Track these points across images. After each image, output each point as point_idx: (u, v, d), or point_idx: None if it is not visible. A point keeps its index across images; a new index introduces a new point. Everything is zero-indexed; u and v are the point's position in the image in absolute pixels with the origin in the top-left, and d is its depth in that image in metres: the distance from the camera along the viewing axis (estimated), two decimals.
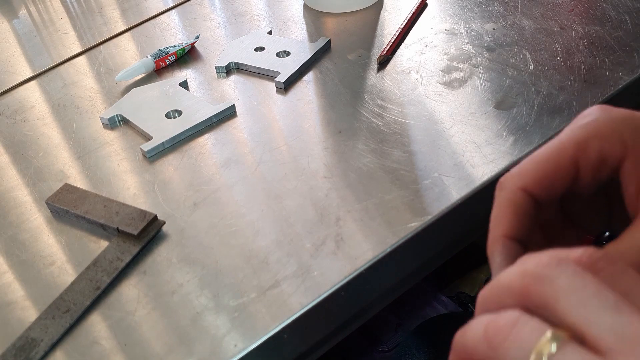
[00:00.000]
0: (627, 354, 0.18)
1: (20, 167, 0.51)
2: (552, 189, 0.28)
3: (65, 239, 0.43)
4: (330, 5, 0.68)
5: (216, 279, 0.38)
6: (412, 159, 0.45)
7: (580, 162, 0.27)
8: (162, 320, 0.36)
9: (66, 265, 0.41)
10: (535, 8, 0.61)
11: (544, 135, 0.45)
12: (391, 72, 0.56)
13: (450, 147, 0.45)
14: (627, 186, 0.27)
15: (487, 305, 0.22)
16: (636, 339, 0.18)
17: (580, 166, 0.27)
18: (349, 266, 0.37)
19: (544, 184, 0.27)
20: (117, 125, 0.55)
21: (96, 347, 0.35)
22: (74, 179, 0.49)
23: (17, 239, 0.44)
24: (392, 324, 1.04)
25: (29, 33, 0.76)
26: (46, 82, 0.64)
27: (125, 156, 0.50)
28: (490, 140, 0.45)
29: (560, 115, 0.47)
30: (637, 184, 0.27)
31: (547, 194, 0.28)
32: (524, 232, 0.28)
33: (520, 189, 0.28)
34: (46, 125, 0.56)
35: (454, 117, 0.48)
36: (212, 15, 0.73)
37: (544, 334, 0.19)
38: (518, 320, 0.20)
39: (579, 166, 0.27)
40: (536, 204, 0.28)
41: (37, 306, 0.38)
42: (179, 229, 0.42)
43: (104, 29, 0.73)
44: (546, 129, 0.46)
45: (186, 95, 0.56)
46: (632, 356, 0.18)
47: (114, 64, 0.65)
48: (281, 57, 0.60)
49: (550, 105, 0.48)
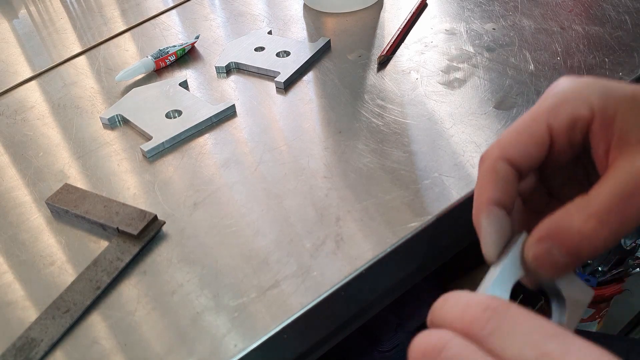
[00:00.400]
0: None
1: (20, 167, 0.51)
2: (531, 157, 0.29)
3: (65, 239, 0.43)
4: (330, 5, 0.68)
5: (216, 279, 0.38)
6: (412, 159, 0.45)
7: (554, 128, 0.29)
8: (162, 320, 0.36)
9: (66, 265, 0.41)
10: (535, 8, 0.61)
11: None
12: (391, 72, 0.56)
13: (450, 147, 0.45)
14: (595, 148, 0.29)
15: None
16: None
17: (554, 132, 0.29)
18: (349, 266, 0.37)
19: (522, 152, 0.29)
20: (117, 125, 0.55)
21: (96, 347, 0.35)
22: (74, 179, 0.49)
23: (17, 239, 0.44)
24: (392, 324, 1.04)
25: (29, 33, 0.76)
26: (46, 82, 0.64)
27: (125, 156, 0.50)
28: (490, 140, 0.45)
29: None
30: (604, 143, 0.29)
31: (526, 162, 0.29)
32: (506, 199, 0.30)
33: (500, 158, 0.29)
34: (46, 125, 0.56)
35: (454, 117, 0.48)
36: (212, 15, 0.73)
37: None
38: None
39: (553, 132, 0.29)
40: (516, 172, 0.30)
41: (37, 306, 0.38)
42: (179, 229, 0.42)
43: (104, 28, 0.73)
44: None
45: (186, 95, 0.56)
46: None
47: (114, 64, 0.65)
48: (281, 57, 0.60)
49: None
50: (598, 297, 1.15)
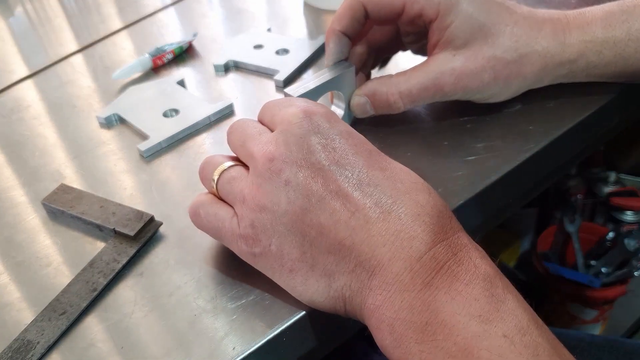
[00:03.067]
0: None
1: (15, 167, 0.50)
2: (380, 13, 0.43)
3: (62, 240, 0.42)
4: (330, 3, 0.67)
5: (214, 281, 0.37)
6: (412, 159, 0.44)
7: (406, 9, 0.42)
8: (160, 322, 0.35)
9: (62, 266, 0.40)
10: (538, 5, 0.61)
11: (546, 137, 0.45)
12: (392, 71, 0.55)
13: (453, 148, 0.45)
14: (430, 38, 0.43)
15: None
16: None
17: (405, 11, 0.42)
18: None
19: (376, 7, 0.43)
20: (113, 124, 0.54)
21: (93, 350, 0.35)
22: (70, 179, 0.48)
23: (13, 240, 0.43)
24: None
25: (25, 31, 0.75)
26: (42, 81, 0.63)
27: (122, 156, 0.50)
28: (491, 140, 0.45)
29: (563, 114, 0.46)
30: (436, 38, 0.43)
31: (376, 14, 0.43)
32: (353, 31, 0.44)
33: (359, 1, 0.43)
34: (42, 125, 0.56)
35: (455, 117, 0.48)
36: (210, 13, 0.72)
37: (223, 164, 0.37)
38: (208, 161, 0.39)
39: (404, 11, 0.42)
40: (366, 15, 0.43)
41: (33, 308, 0.38)
42: (176, 230, 0.42)
43: (101, 26, 0.72)
44: (548, 129, 0.45)
45: (184, 94, 0.55)
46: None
47: (111, 62, 0.65)
48: (280, 55, 0.59)
49: (551, 105, 0.47)
50: (602, 298, 1.14)
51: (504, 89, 0.44)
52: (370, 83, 0.45)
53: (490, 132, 0.46)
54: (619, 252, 1.14)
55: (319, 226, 0.32)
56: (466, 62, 0.42)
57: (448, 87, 0.43)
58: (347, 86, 0.45)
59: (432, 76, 0.42)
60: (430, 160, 0.44)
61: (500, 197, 0.44)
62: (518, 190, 0.46)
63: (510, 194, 0.45)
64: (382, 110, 0.45)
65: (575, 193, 1.25)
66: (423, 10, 0.41)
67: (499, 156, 0.43)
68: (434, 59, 0.43)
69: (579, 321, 1.20)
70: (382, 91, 0.44)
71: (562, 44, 0.43)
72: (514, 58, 0.42)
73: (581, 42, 0.43)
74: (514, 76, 0.43)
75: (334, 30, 0.44)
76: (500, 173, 0.42)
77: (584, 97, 0.47)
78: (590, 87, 0.47)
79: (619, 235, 1.15)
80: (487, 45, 0.42)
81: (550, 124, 0.45)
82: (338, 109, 0.47)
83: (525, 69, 0.43)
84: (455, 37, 0.42)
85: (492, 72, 0.42)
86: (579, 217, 1.19)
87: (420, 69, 0.43)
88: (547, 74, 0.44)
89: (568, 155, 0.49)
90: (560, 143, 0.45)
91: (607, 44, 0.43)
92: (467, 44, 0.42)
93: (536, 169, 0.45)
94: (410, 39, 0.47)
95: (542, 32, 0.43)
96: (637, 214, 1.23)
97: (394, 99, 0.44)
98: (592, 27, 0.43)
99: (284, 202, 0.32)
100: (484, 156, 0.43)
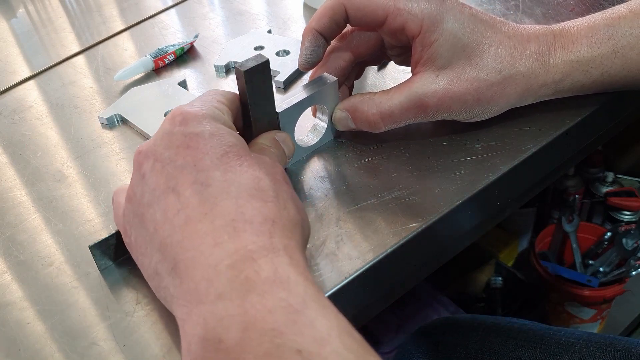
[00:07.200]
0: None
1: (18, 167, 0.51)
2: (361, 19, 0.41)
3: (64, 239, 0.43)
4: None
5: None
6: (412, 159, 0.45)
7: (388, 20, 0.40)
8: (161, 321, 0.36)
9: (64, 266, 0.41)
10: (536, 7, 0.61)
11: (544, 137, 0.45)
12: (392, 71, 0.55)
13: (452, 148, 0.45)
14: (412, 54, 0.42)
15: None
16: None
17: (387, 22, 0.41)
18: (349, 266, 0.37)
19: (358, 12, 0.41)
20: (115, 125, 0.54)
21: (95, 348, 0.35)
22: (72, 179, 0.48)
23: (16, 240, 0.43)
24: (392, 325, 1.04)
25: (28, 32, 0.75)
26: (44, 82, 0.63)
27: (123, 156, 0.50)
28: (490, 141, 0.45)
29: (562, 115, 0.47)
30: (419, 55, 0.41)
31: (357, 19, 0.41)
32: (330, 33, 0.43)
33: (341, 3, 0.41)
34: (44, 125, 0.56)
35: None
36: (211, 14, 0.72)
37: None
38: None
39: (386, 22, 0.41)
40: (346, 19, 0.42)
41: (35, 307, 0.38)
42: None
43: (103, 28, 0.73)
44: (546, 129, 0.46)
45: (185, 95, 0.56)
46: None
47: (113, 63, 0.65)
48: (281, 56, 0.60)
49: (551, 105, 0.48)
50: (600, 297, 1.15)
51: (487, 110, 0.43)
52: (352, 98, 0.44)
53: (488, 132, 0.46)
54: (616, 252, 1.15)
55: (154, 221, 0.31)
56: (449, 85, 0.41)
57: (430, 109, 0.42)
58: (330, 100, 0.44)
59: (415, 97, 0.41)
60: (429, 160, 0.44)
61: (498, 197, 0.44)
62: (516, 191, 0.46)
63: (508, 194, 0.46)
64: (362, 127, 0.44)
65: (573, 193, 1.26)
66: (406, 24, 0.40)
67: (498, 156, 0.44)
68: (416, 79, 0.41)
69: (577, 320, 1.20)
70: (362, 109, 0.43)
71: (547, 65, 0.42)
72: (497, 80, 0.41)
73: (566, 63, 0.42)
74: (497, 97, 0.42)
75: (312, 30, 0.42)
76: (499, 173, 0.42)
77: (582, 98, 0.47)
78: None
79: (616, 235, 1.16)
80: (470, 66, 0.41)
81: (549, 125, 0.46)
82: (321, 122, 0.46)
83: (509, 90, 0.42)
84: (438, 56, 0.40)
85: (476, 94, 0.41)
86: (577, 217, 1.20)
87: (402, 89, 0.42)
88: (531, 95, 0.43)
89: (566, 156, 0.49)
90: (559, 144, 0.46)
91: (594, 63, 0.42)
92: (450, 64, 0.40)
93: (534, 170, 0.46)
94: (394, 52, 0.46)
95: (526, 52, 0.41)
96: (635, 213, 1.23)
97: (375, 119, 0.43)
98: (577, 46, 0.42)
99: (139, 194, 0.33)
100: (483, 156, 0.44)
